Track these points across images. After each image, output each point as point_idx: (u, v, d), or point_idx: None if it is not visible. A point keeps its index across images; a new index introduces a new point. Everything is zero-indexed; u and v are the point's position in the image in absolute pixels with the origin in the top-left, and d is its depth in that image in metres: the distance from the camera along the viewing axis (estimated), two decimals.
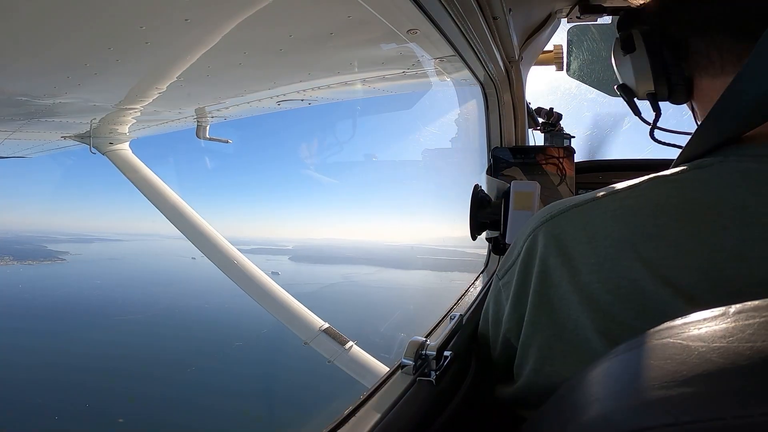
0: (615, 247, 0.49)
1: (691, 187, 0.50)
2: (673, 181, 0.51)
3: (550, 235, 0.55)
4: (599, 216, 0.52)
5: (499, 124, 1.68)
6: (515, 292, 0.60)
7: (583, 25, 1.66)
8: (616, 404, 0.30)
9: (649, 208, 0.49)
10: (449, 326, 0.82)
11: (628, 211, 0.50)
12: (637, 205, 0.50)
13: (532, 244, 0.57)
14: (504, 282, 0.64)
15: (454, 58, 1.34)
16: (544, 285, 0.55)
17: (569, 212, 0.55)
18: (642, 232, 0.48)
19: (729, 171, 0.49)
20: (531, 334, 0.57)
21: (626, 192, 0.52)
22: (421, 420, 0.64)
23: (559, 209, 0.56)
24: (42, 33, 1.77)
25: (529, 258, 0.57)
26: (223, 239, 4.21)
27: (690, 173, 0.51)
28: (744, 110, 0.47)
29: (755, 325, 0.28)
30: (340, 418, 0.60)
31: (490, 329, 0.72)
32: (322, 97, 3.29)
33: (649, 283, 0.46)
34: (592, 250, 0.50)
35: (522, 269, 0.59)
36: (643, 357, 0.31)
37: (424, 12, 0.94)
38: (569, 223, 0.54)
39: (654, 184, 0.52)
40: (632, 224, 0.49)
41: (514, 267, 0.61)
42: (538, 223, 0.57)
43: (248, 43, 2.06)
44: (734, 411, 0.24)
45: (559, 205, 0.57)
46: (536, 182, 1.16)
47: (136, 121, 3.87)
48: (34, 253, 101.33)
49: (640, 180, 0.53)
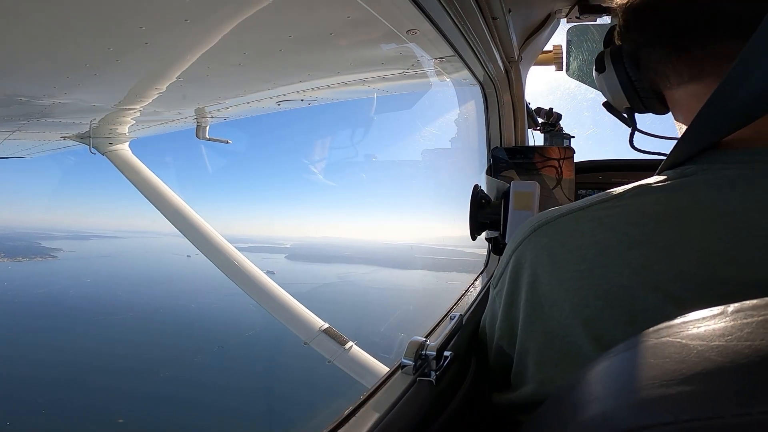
0: (603, 255, 0.50)
1: (677, 194, 0.51)
2: (658, 189, 0.52)
3: (539, 244, 0.56)
4: (587, 224, 0.53)
5: (498, 124, 1.68)
6: (506, 300, 0.62)
7: (582, 25, 1.66)
8: (616, 403, 0.30)
9: (636, 216, 0.50)
10: (449, 326, 0.82)
11: (614, 220, 0.51)
12: (624, 214, 0.51)
13: (521, 254, 0.59)
14: (497, 291, 0.66)
15: (454, 58, 1.34)
16: (535, 293, 0.56)
17: (557, 221, 0.56)
18: (630, 239, 0.49)
19: (714, 177, 0.50)
20: (525, 342, 0.58)
21: (612, 201, 0.54)
22: (421, 420, 0.64)
23: (547, 218, 0.57)
24: (42, 33, 1.77)
25: (518, 267, 0.59)
26: (223, 240, 4.21)
27: (675, 181, 0.52)
28: (722, 117, 0.48)
29: (753, 324, 0.28)
30: (340, 418, 0.60)
31: (487, 335, 0.73)
32: (322, 97, 3.29)
33: (638, 289, 0.46)
34: (581, 258, 0.51)
35: (512, 278, 0.60)
36: (642, 356, 0.31)
37: (423, 12, 0.94)
38: (557, 233, 0.55)
39: (639, 193, 0.53)
40: (619, 232, 0.50)
41: (504, 276, 0.62)
42: (527, 232, 0.59)
43: (248, 43, 2.06)
44: (733, 409, 0.24)
45: (546, 214, 0.58)
46: (536, 182, 1.16)
47: (136, 121, 3.88)
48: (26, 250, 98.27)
49: (624, 189, 0.54)
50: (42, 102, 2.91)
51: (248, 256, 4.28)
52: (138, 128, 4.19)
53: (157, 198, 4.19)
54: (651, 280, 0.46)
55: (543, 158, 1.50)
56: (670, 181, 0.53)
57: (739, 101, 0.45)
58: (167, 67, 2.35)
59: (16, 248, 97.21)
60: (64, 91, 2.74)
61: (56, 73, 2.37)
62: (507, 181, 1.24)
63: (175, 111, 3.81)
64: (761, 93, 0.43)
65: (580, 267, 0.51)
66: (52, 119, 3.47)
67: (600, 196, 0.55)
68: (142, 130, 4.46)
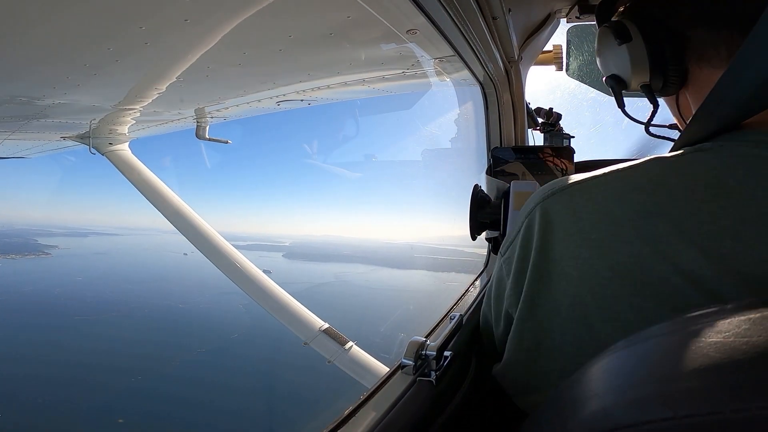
0: (615, 224, 0.50)
1: (690, 167, 0.51)
2: (672, 162, 0.53)
3: (552, 211, 0.56)
4: (600, 193, 0.53)
5: (498, 124, 1.68)
6: (516, 267, 0.60)
7: (582, 25, 1.66)
8: (616, 399, 0.31)
9: (649, 187, 0.51)
10: (449, 326, 0.82)
11: (628, 189, 0.51)
12: (637, 184, 0.52)
13: (532, 220, 0.58)
14: (506, 258, 0.64)
15: (454, 58, 1.34)
16: (544, 260, 0.55)
17: (570, 189, 0.56)
18: (642, 209, 0.49)
19: (728, 154, 0.50)
20: (529, 308, 0.58)
21: (627, 171, 0.54)
22: (421, 420, 0.65)
23: (561, 186, 0.56)
24: (42, 33, 1.77)
25: (529, 233, 0.58)
26: (223, 240, 4.21)
27: (689, 155, 0.53)
28: (742, 99, 0.48)
29: (751, 321, 0.28)
30: (340, 418, 0.60)
31: (492, 306, 0.72)
32: (321, 97, 3.29)
33: (647, 259, 0.47)
34: (591, 227, 0.51)
35: (523, 245, 0.59)
36: (642, 352, 0.32)
37: (423, 12, 0.94)
38: (570, 200, 0.55)
39: (653, 164, 0.53)
40: (632, 201, 0.50)
41: (515, 242, 0.61)
42: (540, 199, 0.58)
43: (248, 43, 2.06)
44: (731, 405, 0.24)
45: (560, 182, 0.57)
46: (536, 182, 1.17)
47: (136, 121, 3.88)
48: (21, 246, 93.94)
49: (640, 161, 0.54)
50: (42, 102, 2.91)
51: (246, 254, 4.26)
52: (138, 128, 4.19)
53: (157, 198, 4.19)
54: (660, 251, 0.47)
55: (544, 157, 1.50)
56: (686, 155, 0.53)
57: (756, 85, 0.45)
58: (167, 67, 2.35)
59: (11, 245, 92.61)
60: (64, 91, 2.74)
61: (56, 73, 2.37)
62: (511, 174, 1.23)
63: (175, 111, 3.81)
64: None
65: (591, 236, 0.51)
66: (52, 119, 3.48)
67: (614, 167, 0.55)
68: (142, 130, 4.46)
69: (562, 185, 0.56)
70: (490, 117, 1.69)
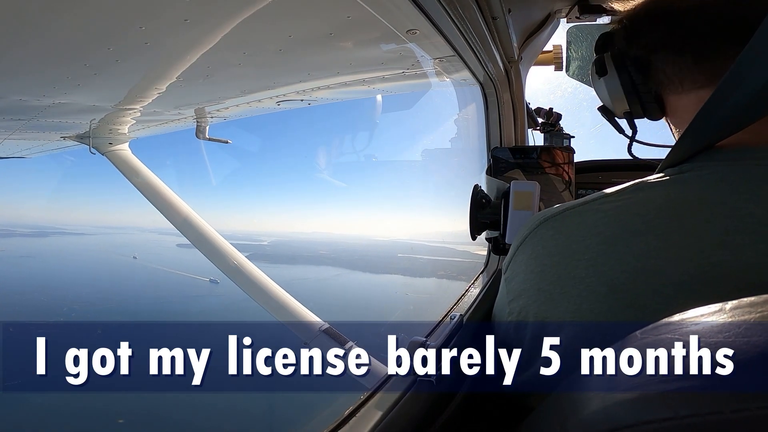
0: (607, 243, 0.54)
1: (674, 188, 0.55)
2: (657, 185, 0.57)
3: (546, 236, 0.60)
4: (590, 217, 0.57)
5: (498, 124, 1.68)
6: (516, 288, 0.64)
7: (582, 25, 1.66)
8: (616, 399, 0.31)
9: (637, 208, 0.55)
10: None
11: (617, 212, 0.56)
12: (626, 206, 0.56)
13: (526, 248, 0.62)
14: (506, 277, 0.68)
15: (454, 58, 1.34)
16: (544, 281, 0.59)
17: (561, 215, 0.60)
18: (631, 228, 0.53)
19: (708, 173, 0.54)
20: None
21: (614, 195, 0.58)
22: (421, 420, 0.65)
23: (552, 213, 0.61)
24: (41, 33, 1.77)
25: (526, 258, 0.62)
26: (223, 240, 4.21)
27: (672, 177, 0.56)
28: (716, 125, 0.53)
29: (750, 321, 0.28)
30: (341, 419, 0.61)
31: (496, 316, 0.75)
32: (321, 97, 3.29)
33: (640, 274, 0.50)
34: (586, 248, 0.55)
35: (522, 269, 0.63)
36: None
37: (423, 12, 0.95)
38: (563, 225, 0.59)
39: (639, 188, 0.57)
40: (622, 222, 0.54)
41: (514, 264, 0.65)
42: (534, 226, 0.62)
43: (248, 43, 2.06)
44: (732, 405, 0.24)
45: (550, 210, 0.62)
46: (536, 182, 1.17)
47: (136, 121, 3.88)
48: None
49: (625, 185, 0.58)
50: (42, 102, 2.91)
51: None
52: (138, 128, 4.19)
53: (158, 198, 4.19)
54: (651, 265, 0.50)
55: (546, 158, 1.50)
56: (668, 177, 0.56)
57: (734, 106, 0.49)
58: (167, 67, 2.35)
59: None
60: (64, 91, 2.74)
61: (56, 73, 2.37)
62: (510, 181, 1.24)
63: (175, 111, 3.81)
64: (756, 97, 0.46)
65: (585, 256, 0.54)
66: (51, 119, 3.48)
67: (601, 193, 0.59)
68: (142, 130, 4.46)
69: (553, 212, 0.61)
70: (490, 117, 1.69)
